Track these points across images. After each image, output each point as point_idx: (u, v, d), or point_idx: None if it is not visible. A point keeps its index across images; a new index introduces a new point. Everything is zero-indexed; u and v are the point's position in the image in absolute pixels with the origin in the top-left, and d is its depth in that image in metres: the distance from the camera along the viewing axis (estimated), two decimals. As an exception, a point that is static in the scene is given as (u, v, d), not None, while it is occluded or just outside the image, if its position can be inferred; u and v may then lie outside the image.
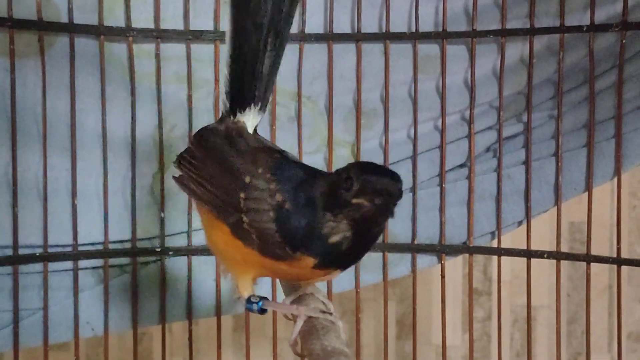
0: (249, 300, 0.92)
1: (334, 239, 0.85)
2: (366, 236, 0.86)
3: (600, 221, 1.89)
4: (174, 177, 0.99)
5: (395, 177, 0.83)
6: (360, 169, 0.84)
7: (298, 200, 0.87)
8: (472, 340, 1.45)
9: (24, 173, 1.34)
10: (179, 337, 1.90)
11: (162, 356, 1.44)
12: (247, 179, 0.90)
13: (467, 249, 1.46)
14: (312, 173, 0.92)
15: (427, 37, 1.43)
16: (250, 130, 0.99)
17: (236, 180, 0.90)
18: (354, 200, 0.82)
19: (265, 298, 0.92)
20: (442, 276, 1.46)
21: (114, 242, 1.40)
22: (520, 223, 1.47)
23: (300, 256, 0.85)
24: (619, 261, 1.38)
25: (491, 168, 1.46)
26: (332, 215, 0.84)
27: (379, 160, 1.43)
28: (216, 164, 0.94)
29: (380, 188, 0.82)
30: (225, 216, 0.90)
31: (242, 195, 0.89)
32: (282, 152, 0.95)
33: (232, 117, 0.99)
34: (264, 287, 1.41)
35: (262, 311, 0.92)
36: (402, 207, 1.46)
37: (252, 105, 0.99)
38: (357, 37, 1.42)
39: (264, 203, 0.87)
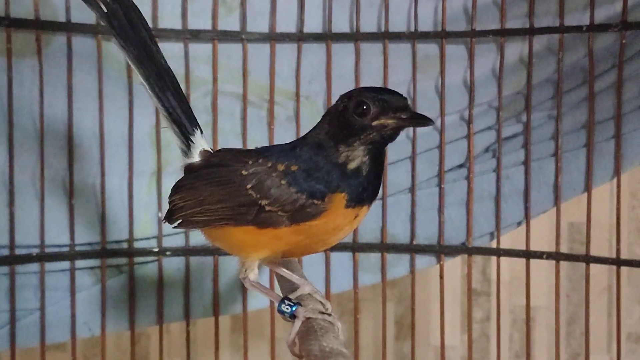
0: (281, 305, 0.92)
1: (353, 165, 0.88)
2: (379, 160, 0.90)
3: (599, 222, 1.89)
4: (177, 226, 1.00)
5: (398, 92, 0.88)
6: (368, 92, 0.88)
7: (302, 157, 0.90)
8: (471, 341, 1.45)
9: (21, 172, 1.33)
10: (176, 337, 1.89)
11: (160, 357, 1.44)
12: (244, 172, 0.92)
13: (466, 249, 1.45)
14: (298, 139, 0.96)
15: (426, 36, 1.43)
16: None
17: (235, 180, 0.92)
18: (375, 123, 0.86)
19: (298, 304, 0.92)
20: (441, 277, 1.46)
21: (111, 242, 1.40)
22: (519, 223, 1.46)
23: (329, 200, 0.87)
24: (618, 262, 1.37)
25: (490, 168, 1.46)
26: (347, 146, 0.88)
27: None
28: (207, 185, 0.95)
29: (398, 105, 0.87)
30: (244, 217, 0.91)
31: (248, 186, 0.90)
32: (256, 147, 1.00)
33: (189, 150, 1.02)
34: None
35: (292, 317, 0.91)
36: (401, 208, 1.46)
37: (198, 130, 1.03)
38: (355, 37, 1.42)
39: (271, 179, 0.89)
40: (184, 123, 1.02)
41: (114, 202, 1.39)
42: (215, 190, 0.93)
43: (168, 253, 1.41)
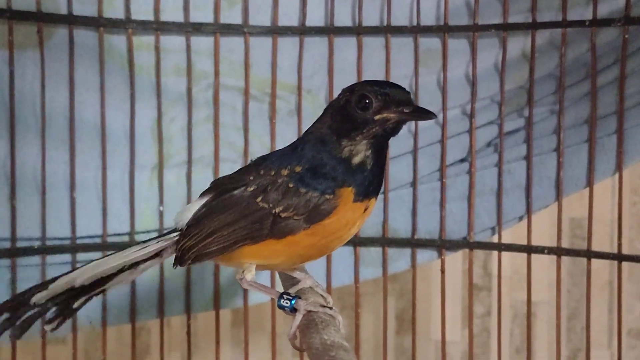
0: (281, 299, 0.92)
1: (357, 159, 0.88)
2: (382, 153, 0.90)
3: (601, 217, 1.89)
4: (191, 264, 0.96)
5: (401, 86, 0.88)
6: (370, 86, 0.88)
7: (305, 156, 0.90)
8: (472, 335, 1.45)
9: (23, 166, 1.34)
10: (177, 331, 1.90)
11: (160, 351, 1.44)
12: (249, 189, 0.91)
13: (467, 244, 1.45)
14: (298, 138, 0.96)
15: (428, 30, 1.42)
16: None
17: (243, 200, 0.91)
18: (378, 117, 0.87)
19: (298, 297, 0.92)
20: (442, 271, 1.46)
21: (112, 235, 1.40)
22: (520, 218, 1.46)
23: (339, 194, 0.87)
24: (619, 257, 1.37)
25: (492, 163, 1.46)
26: (349, 140, 0.88)
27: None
28: (214, 215, 0.93)
29: (401, 98, 0.87)
30: (260, 232, 0.90)
31: (258, 200, 0.90)
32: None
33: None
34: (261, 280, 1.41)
35: (293, 310, 0.91)
36: (402, 202, 1.46)
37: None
38: (358, 31, 1.41)
39: (279, 186, 0.89)
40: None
41: (116, 195, 1.39)
42: (223, 217, 0.91)
43: (169, 246, 1.40)
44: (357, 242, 1.44)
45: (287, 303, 0.91)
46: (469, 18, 1.43)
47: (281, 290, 0.98)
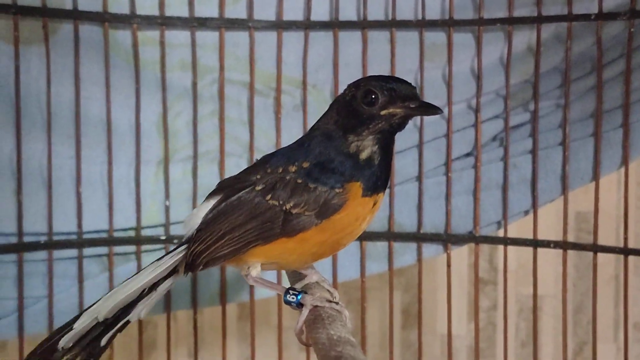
0: (287, 295, 0.92)
1: (364, 155, 0.89)
2: (389, 148, 0.90)
3: (607, 211, 1.88)
4: (202, 269, 0.94)
5: (407, 81, 0.88)
6: (376, 81, 0.88)
7: (312, 152, 0.90)
8: (478, 329, 1.45)
9: (29, 161, 1.34)
10: (183, 325, 1.90)
11: (167, 345, 1.44)
12: (257, 187, 0.91)
13: (473, 238, 1.45)
14: (304, 135, 0.96)
15: (433, 25, 1.42)
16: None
17: (252, 199, 0.91)
18: (384, 112, 0.87)
19: (304, 292, 0.92)
20: (448, 265, 1.46)
21: (119, 230, 1.40)
22: (526, 212, 1.46)
23: (348, 189, 0.87)
24: (625, 251, 1.37)
25: (498, 157, 1.45)
26: (356, 135, 0.88)
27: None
28: (223, 217, 0.92)
29: (407, 93, 0.87)
30: (272, 231, 0.89)
31: (267, 197, 0.89)
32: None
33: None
34: (268, 276, 1.41)
35: (300, 305, 0.91)
36: (408, 196, 1.46)
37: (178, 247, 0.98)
38: (363, 25, 1.41)
39: (287, 182, 0.89)
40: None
41: (121, 190, 1.39)
42: (233, 219, 0.91)
43: (175, 241, 1.41)
44: (363, 236, 1.44)
45: (293, 298, 0.91)
46: (475, 12, 1.42)
47: (287, 285, 0.98)
